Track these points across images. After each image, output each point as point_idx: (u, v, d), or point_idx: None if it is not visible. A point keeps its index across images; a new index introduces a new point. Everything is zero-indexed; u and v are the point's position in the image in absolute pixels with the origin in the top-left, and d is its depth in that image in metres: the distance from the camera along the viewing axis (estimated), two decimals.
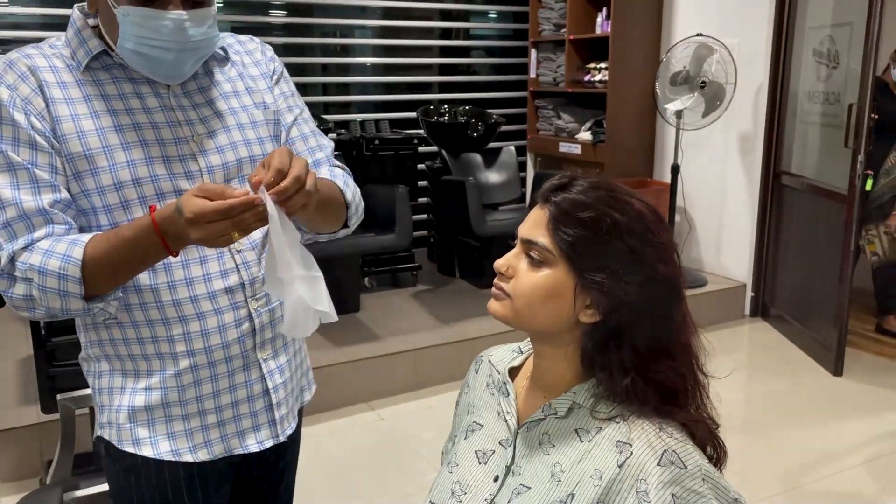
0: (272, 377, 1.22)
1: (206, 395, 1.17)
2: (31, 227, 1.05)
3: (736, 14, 4.27)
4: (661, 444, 0.89)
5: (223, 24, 4.62)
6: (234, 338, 1.17)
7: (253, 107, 1.22)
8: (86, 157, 1.08)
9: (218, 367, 1.17)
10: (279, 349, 1.24)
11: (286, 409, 1.27)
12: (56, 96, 1.07)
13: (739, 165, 4.40)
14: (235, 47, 1.26)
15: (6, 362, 3.23)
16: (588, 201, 0.93)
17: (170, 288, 1.13)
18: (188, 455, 1.18)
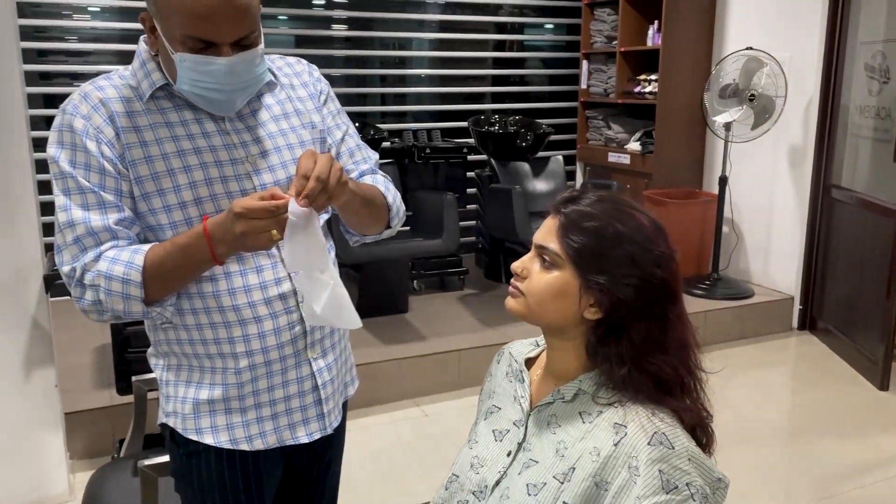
0: (321, 374, 1.33)
1: (262, 391, 1.28)
2: (99, 241, 1.17)
3: (787, 28, 4.30)
4: (652, 426, 1.01)
5: (288, 37, 4.87)
6: (287, 339, 1.28)
7: (301, 127, 1.32)
8: (152, 179, 1.19)
9: (273, 366, 1.28)
10: (327, 348, 1.35)
11: (333, 404, 1.37)
12: (125, 125, 1.19)
13: (789, 178, 4.41)
14: (284, 70, 1.36)
15: (83, 350, 3.50)
16: (594, 212, 1.06)
17: (230, 294, 1.24)
18: (244, 444, 1.29)
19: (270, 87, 1.33)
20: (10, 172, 2.36)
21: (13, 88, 2.33)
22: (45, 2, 4.13)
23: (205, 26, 1.11)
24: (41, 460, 2.55)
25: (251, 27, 1.15)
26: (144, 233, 1.24)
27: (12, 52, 2.32)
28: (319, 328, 1.32)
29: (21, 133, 2.37)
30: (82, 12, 4.27)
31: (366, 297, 3.98)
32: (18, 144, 2.36)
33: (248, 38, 1.16)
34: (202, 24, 1.10)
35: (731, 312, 4.28)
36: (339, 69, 4.99)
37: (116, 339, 2.68)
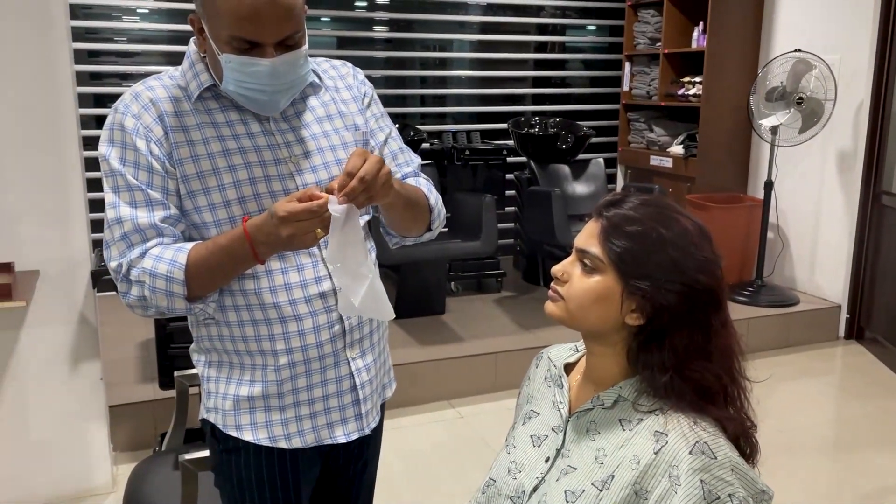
0: (359, 374, 1.34)
1: (301, 389, 1.29)
2: (145, 238, 1.20)
3: (837, 30, 4.19)
4: (694, 435, 0.99)
5: (329, 38, 4.92)
6: (326, 338, 1.29)
7: (344, 129, 1.34)
8: (198, 178, 1.22)
9: (312, 364, 1.29)
10: (366, 349, 1.36)
11: (371, 405, 1.38)
12: (173, 124, 1.22)
13: (837, 183, 4.30)
14: (329, 72, 1.38)
15: (127, 345, 3.58)
16: (637, 216, 1.05)
17: (271, 292, 1.25)
18: (283, 442, 1.30)
19: (315, 89, 1.34)
20: (62, 170, 2.42)
21: (65, 88, 2.40)
22: (97, 4, 4.23)
23: (249, 27, 1.12)
24: (86, 452, 2.62)
25: (295, 28, 1.16)
26: (189, 230, 1.26)
27: (65, 53, 2.39)
28: (358, 328, 1.33)
29: (72, 132, 2.43)
30: (132, 14, 4.37)
31: (403, 298, 4.00)
32: (70, 143, 2.43)
33: (292, 39, 1.18)
34: (247, 24, 1.12)
35: (775, 320, 4.19)
36: (380, 70, 5.02)
37: (160, 334, 2.74)
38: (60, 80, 2.38)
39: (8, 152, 2.34)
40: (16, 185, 2.37)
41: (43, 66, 2.35)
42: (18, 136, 2.35)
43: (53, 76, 2.37)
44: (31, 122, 2.36)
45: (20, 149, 2.36)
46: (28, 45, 2.33)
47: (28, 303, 2.24)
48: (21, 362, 2.47)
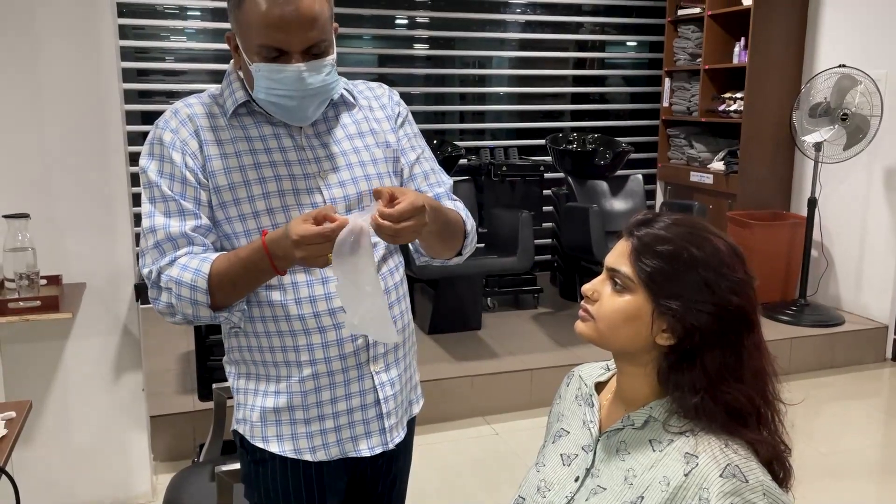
0: (383, 389, 1.34)
1: (325, 402, 1.31)
2: (176, 247, 1.24)
3: (883, 45, 4.11)
4: (725, 458, 0.98)
5: (371, 57, 4.99)
6: (350, 350, 1.30)
7: (375, 146, 1.36)
8: (229, 189, 1.26)
9: (336, 377, 1.30)
10: (391, 363, 1.36)
11: (395, 420, 1.37)
12: (208, 138, 1.27)
13: (884, 201, 4.20)
14: (365, 93, 1.41)
15: (167, 357, 3.65)
16: (668, 236, 1.04)
17: (296, 304, 1.28)
18: (308, 455, 1.32)
19: (349, 108, 1.37)
20: (109, 185, 2.50)
21: (113, 106, 2.48)
22: (147, 24, 4.37)
23: (276, 35, 1.18)
24: (127, 461, 2.67)
25: (320, 37, 1.21)
26: (221, 241, 1.29)
27: (113, 72, 2.47)
28: (384, 343, 1.34)
29: (119, 147, 2.51)
30: (179, 34, 4.50)
31: (439, 314, 4.01)
32: (116, 158, 2.50)
33: (318, 48, 1.22)
34: (274, 33, 1.18)
35: (819, 340, 4.09)
36: (420, 87, 5.07)
37: (200, 346, 2.79)
38: (109, 98, 2.46)
39: (57, 167, 2.43)
40: (64, 200, 2.45)
41: (92, 85, 2.44)
42: (68, 151, 2.44)
43: (102, 94, 2.45)
44: (79, 138, 2.44)
45: (69, 164, 2.44)
46: (78, 64, 2.41)
47: (74, 314, 2.31)
48: (66, 372, 2.54)
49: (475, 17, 5.04)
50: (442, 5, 4.98)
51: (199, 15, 4.51)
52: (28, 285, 2.23)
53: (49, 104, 2.40)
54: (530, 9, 5.20)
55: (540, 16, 5.21)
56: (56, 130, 2.42)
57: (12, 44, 2.34)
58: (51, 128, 2.41)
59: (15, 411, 1.63)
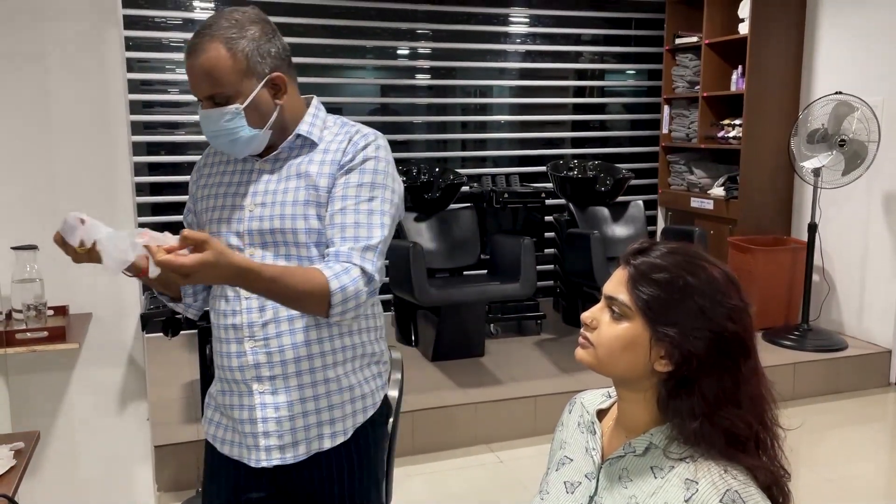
0: (264, 409, 1.43)
1: (226, 405, 1.49)
2: None
3: (879, 72, 4.17)
4: (725, 484, 1.00)
5: (374, 86, 5.06)
6: (236, 365, 1.44)
7: (303, 188, 1.41)
8: (199, 201, 1.52)
9: (231, 385, 1.47)
10: (279, 389, 1.41)
11: (279, 442, 1.42)
12: (204, 172, 1.55)
13: (884, 225, 4.23)
14: (339, 137, 1.45)
15: (172, 386, 3.66)
16: (664, 264, 1.07)
17: (214, 314, 1.49)
18: (218, 444, 1.51)
19: (311, 148, 1.46)
20: (116, 216, 2.53)
21: (121, 138, 2.52)
22: (153, 57, 4.45)
23: (190, 84, 1.41)
24: (131, 491, 2.67)
25: (215, 90, 1.38)
26: None
27: (121, 104, 2.52)
28: (268, 366, 1.42)
29: (125, 179, 2.55)
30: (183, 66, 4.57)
31: (443, 341, 4.02)
32: (123, 190, 2.54)
33: (220, 97, 1.38)
34: (189, 82, 1.41)
35: (822, 365, 4.09)
36: (422, 116, 5.13)
37: (204, 375, 2.80)
38: (116, 130, 2.51)
39: (65, 198, 2.46)
40: None
41: (101, 117, 2.48)
42: (76, 182, 2.47)
43: (110, 126, 2.50)
44: (87, 169, 2.48)
45: (77, 195, 2.48)
46: (87, 97, 2.46)
47: (81, 345, 2.33)
48: (72, 402, 2.55)
49: (476, 47, 5.12)
50: (443, 36, 5.06)
51: None
52: (35, 316, 2.26)
53: (58, 136, 2.44)
54: (530, 39, 5.28)
55: (540, 45, 5.29)
56: (64, 162, 2.46)
57: (24, 80, 2.39)
58: (59, 159, 2.45)
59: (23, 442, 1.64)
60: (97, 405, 2.58)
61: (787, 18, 4.59)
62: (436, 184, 4.47)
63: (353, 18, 4.78)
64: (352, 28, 4.79)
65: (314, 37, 4.71)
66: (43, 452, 2.52)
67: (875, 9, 4.20)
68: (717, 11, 4.86)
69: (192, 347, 3.97)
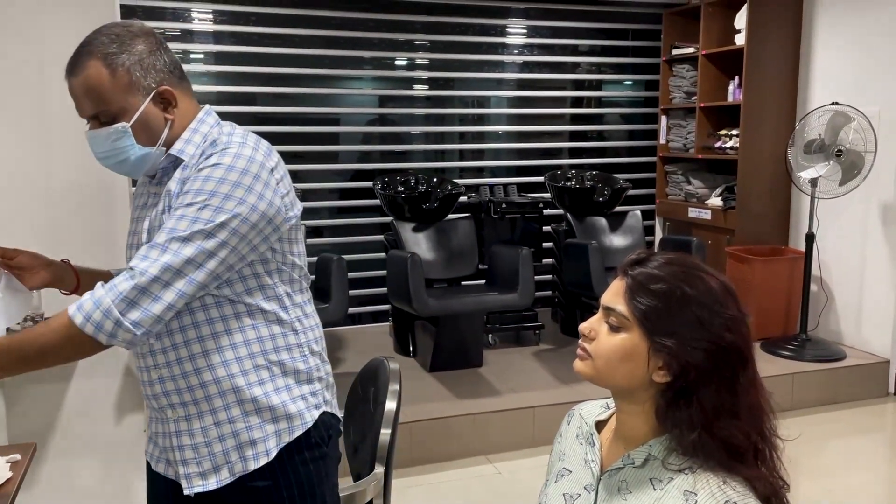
0: (179, 436, 1.40)
1: (154, 434, 1.47)
2: None
3: (875, 82, 4.19)
4: (723, 495, 0.99)
5: (372, 97, 5.08)
6: (150, 393, 1.42)
7: (164, 209, 1.35)
8: None
9: (153, 412, 1.45)
10: (192, 415, 1.38)
11: (198, 469, 1.39)
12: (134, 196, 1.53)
13: (881, 236, 4.23)
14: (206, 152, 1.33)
15: None
16: (661, 275, 1.07)
17: None
18: (152, 462, 1.48)
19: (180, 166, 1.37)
20: (113, 231, 2.53)
21: None
22: None
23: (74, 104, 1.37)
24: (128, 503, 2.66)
25: (97, 108, 1.34)
26: None
27: None
28: (177, 393, 1.38)
29: (124, 191, 2.55)
30: None
31: (441, 351, 4.01)
32: (120, 204, 2.54)
33: (104, 116, 1.34)
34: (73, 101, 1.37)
35: (821, 375, 4.09)
36: (420, 126, 5.15)
37: None
38: None
39: (63, 213, 2.46)
40: (69, 242, 2.48)
41: None
42: (74, 195, 2.47)
43: None
44: (85, 180, 2.48)
45: (74, 206, 2.48)
46: None
47: None
48: (68, 413, 2.54)
49: (473, 58, 5.14)
50: (441, 47, 5.08)
51: (201, 59, 4.60)
52: None
53: (55, 146, 2.45)
54: (528, 50, 5.31)
55: (537, 56, 5.31)
56: (62, 172, 2.46)
57: (22, 90, 2.39)
58: (57, 170, 2.45)
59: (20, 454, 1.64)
60: (94, 417, 2.57)
61: (783, 29, 4.62)
62: (434, 194, 4.48)
63: (351, 29, 4.80)
64: (350, 39, 4.81)
65: (313, 47, 4.72)
66: (40, 464, 2.51)
67: (871, 20, 4.22)
68: (713, 22, 4.89)
69: None
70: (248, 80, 4.54)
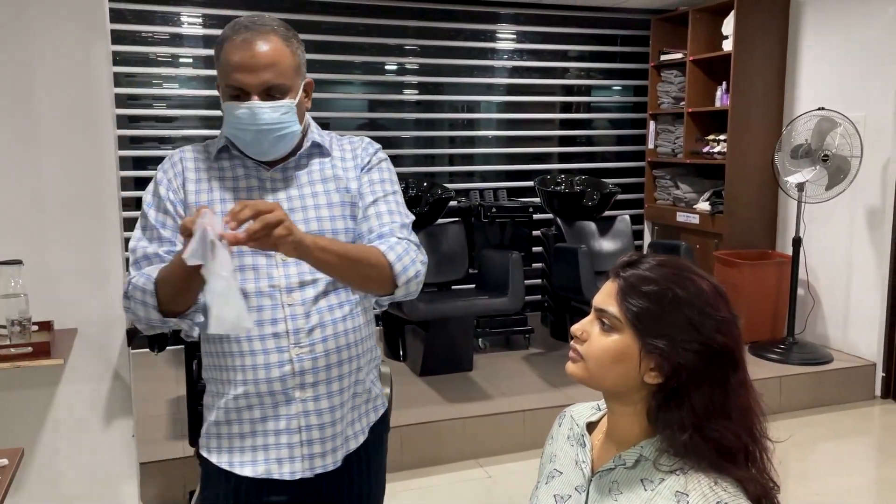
0: (307, 416, 1.42)
1: (257, 420, 1.42)
2: (150, 262, 1.42)
3: (861, 88, 4.23)
4: (715, 496, 1.00)
5: (362, 102, 5.07)
6: (276, 375, 1.40)
7: (335, 191, 1.48)
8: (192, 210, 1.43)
9: (264, 398, 1.41)
10: (322, 395, 1.43)
11: (321, 450, 1.44)
12: (191, 177, 1.46)
13: (867, 240, 4.27)
14: (345, 146, 1.55)
15: (158, 402, 3.63)
16: (653, 277, 1.08)
17: None
18: (238, 468, 1.43)
19: (322, 156, 1.52)
20: (102, 231, 2.52)
21: (108, 152, 2.51)
22: (140, 72, 4.44)
23: (237, 76, 1.38)
24: None
25: (275, 80, 1.38)
26: None
27: (108, 120, 2.51)
28: (312, 372, 1.41)
29: (112, 193, 2.53)
30: (172, 81, 4.57)
31: (431, 355, 4.01)
32: (110, 204, 2.53)
33: (277, 91, 1.39)
34: (236, 74, 1.38)
35: (808, 378, 4.11)
36: (410, 131, 5.15)
37: (191, 391, 2.78)
38: (103, 144, 2.50)
39: (50, 213, 2.45)
40: (57, 246, 2.47)
41: (87, 131, 2.47)
42: (61, 197, 2.46)
43: (96, 140, 2.49)
44: (74, 185, 2.47)
45: (62, 210, 2.46)
46: (74, 112, 2.45)
47: (65, 360, 2.30)
48: (56, 418, 2.52)
49: (463, 63, 5.15)
50: (431, 52, 5.09)
51: (190, 63, 4.59)
52: (20, 331, 2.23)
53: (43, 150, 2.43)
54: (517, 55, 5.32)
55: (527, 62, 5.33)
56: (50, 177, 2.44)
57: (10, 93, 2.37)
58: (45, 174, 2.44)
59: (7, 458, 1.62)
60: (82, 422, 2.55)
61: (770, 35, 4.66)
62: (424, 198, 4.48)
63: (341, 34, 4.80)
64: (340, 43, 4.81)
65: None
66: (27, 469, 2.48)
67: (857, 26, 4.27)
68: (701, 28, 4.93)
69: (179, 363, 3.94)
70: None
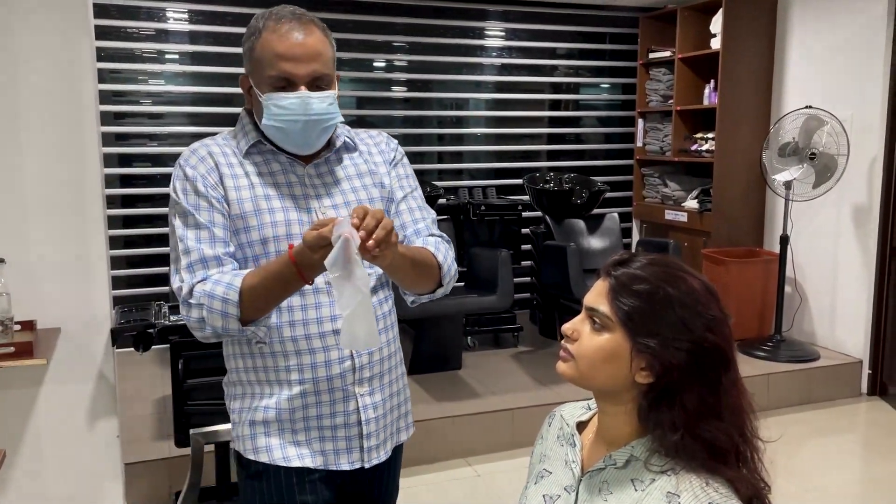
0: (365, 410, 1.44)
1: (312, 418, 1.42)
2: (207, 267, 1.36)
3: (848, 87, 4.25)
4: (706, 496, 0.99)
5: (350, 98, 5.05)
6: (337, 373, 1.41)
7: (372, 186, 1.50)
8: (241, 217, 1.39)
9: (322, 396, 1.41)
10: (376, 388, 1.46)
11: (377, 441, 1.47)
12: (225, 173, 1.41)
13: (854, 238, 4.29)
14: (366, 140, 1.57)
15: (144, 402, 3.59)
16: (644, 275, 1.06)
17: (290, 326, 1.39)
18: (296, 461, 1.41)
19: (349, 151, 1.52)
20: (85, 230, 2.49)
21: (91, 150, 2.48)
22: (125, 68, 4.39)
23: (286, 66, 1.36)
24: None
25: (323, 70, 1.39)
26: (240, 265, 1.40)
27: (92, 116, 2.48)
28: (369, 367, 1.44)
29: (96, 192, 2.50)
30: (157, 77, 4.52)
31: (420, 354, 4.00)
32: (93, 203, 2.50)
33: (322, 81, 1.40)
34: (284, 64, 1.35)
35: (795, 376, 4.13)
36: (398, 129, 5.12)
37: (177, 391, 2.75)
38: (86, 142, 2.47)
39: (33, 212, 2.42)
40: (40, 245, 2.44)
41: (70, 129, 2.44)
42: (44, 196, 2.43)
43: (80, 138, 2.46)
44: (56, 183, 2.44)
45: (45, 209, 2.43)
46: (57, 108, 2.42)
47: (48, 360, 2.28)
48: (40, 419, 2.49)
49: (452, 60, 5.13)
50: (420, 49, 5.07)
51: (177, 59, 4.54)
52: (2, 331, 2.20)
53: (26, 148, 2.39)
54: (506, 52, 5.31)
55: (516, 59, 5.32)
56: (32, 174, 2.41)
57: None
58: (27, 172, 2.40)
59: None
60: (66, 422, 2.52)
61: (757, 34, 4.67)
62: None
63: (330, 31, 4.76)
64: None
65: None
66: (9, 471, 2.45)
67: (844, 25, 4.28)
68: (689, 27, 4.93)
69: (164, 363, 3.90)
70: (224, 80, 4.49)
